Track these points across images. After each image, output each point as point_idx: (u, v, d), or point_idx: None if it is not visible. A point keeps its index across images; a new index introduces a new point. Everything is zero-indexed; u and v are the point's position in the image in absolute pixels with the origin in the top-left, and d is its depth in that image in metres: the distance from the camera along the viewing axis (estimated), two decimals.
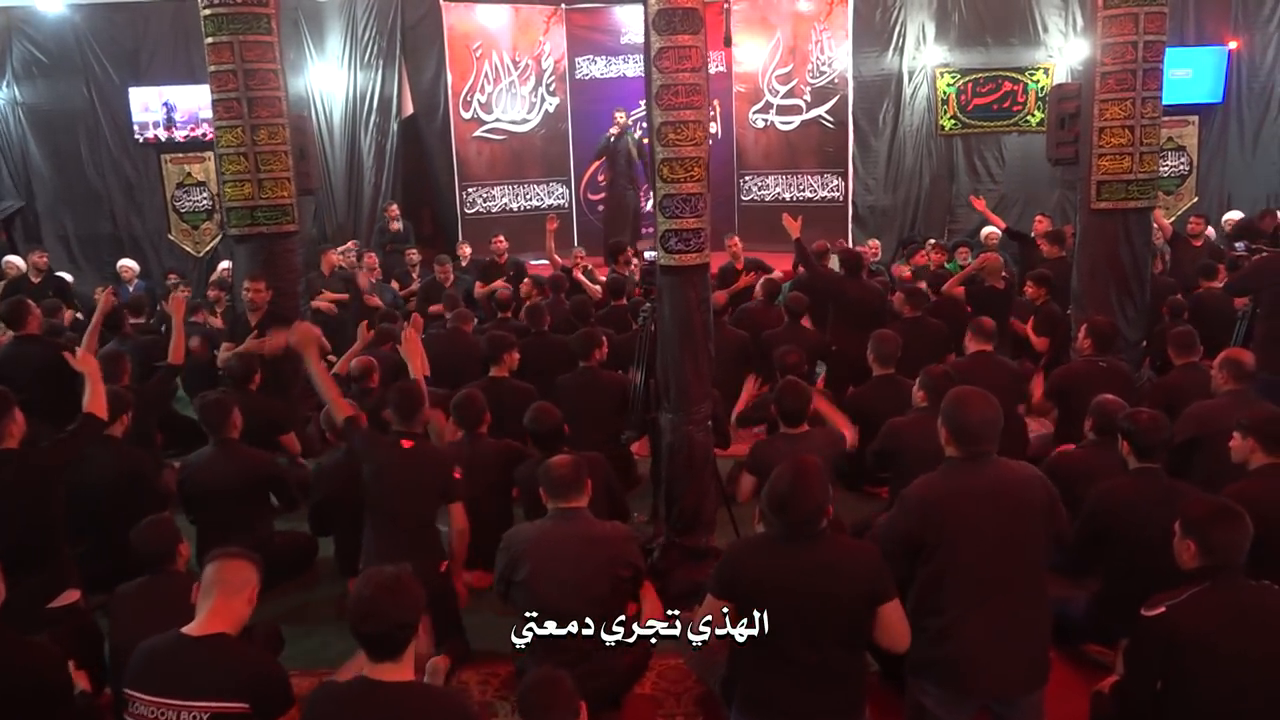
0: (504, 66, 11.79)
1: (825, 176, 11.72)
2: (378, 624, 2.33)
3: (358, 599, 2.36)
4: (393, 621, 2.33)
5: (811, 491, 2.82)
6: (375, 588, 2.35)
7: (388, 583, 2.36)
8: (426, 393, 4.39)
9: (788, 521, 2.83)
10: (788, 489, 2.81)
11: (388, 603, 2.33)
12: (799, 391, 4.38)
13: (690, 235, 4.19)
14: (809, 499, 2.81)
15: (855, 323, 6.78)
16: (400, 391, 4.08)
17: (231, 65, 6.44)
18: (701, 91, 4.10)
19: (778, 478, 2.87)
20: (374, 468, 3.96)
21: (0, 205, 12.13)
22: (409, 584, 2.39)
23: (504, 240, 9.81)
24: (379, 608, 2.32)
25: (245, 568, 2.74)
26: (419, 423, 4.05)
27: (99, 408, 3.88)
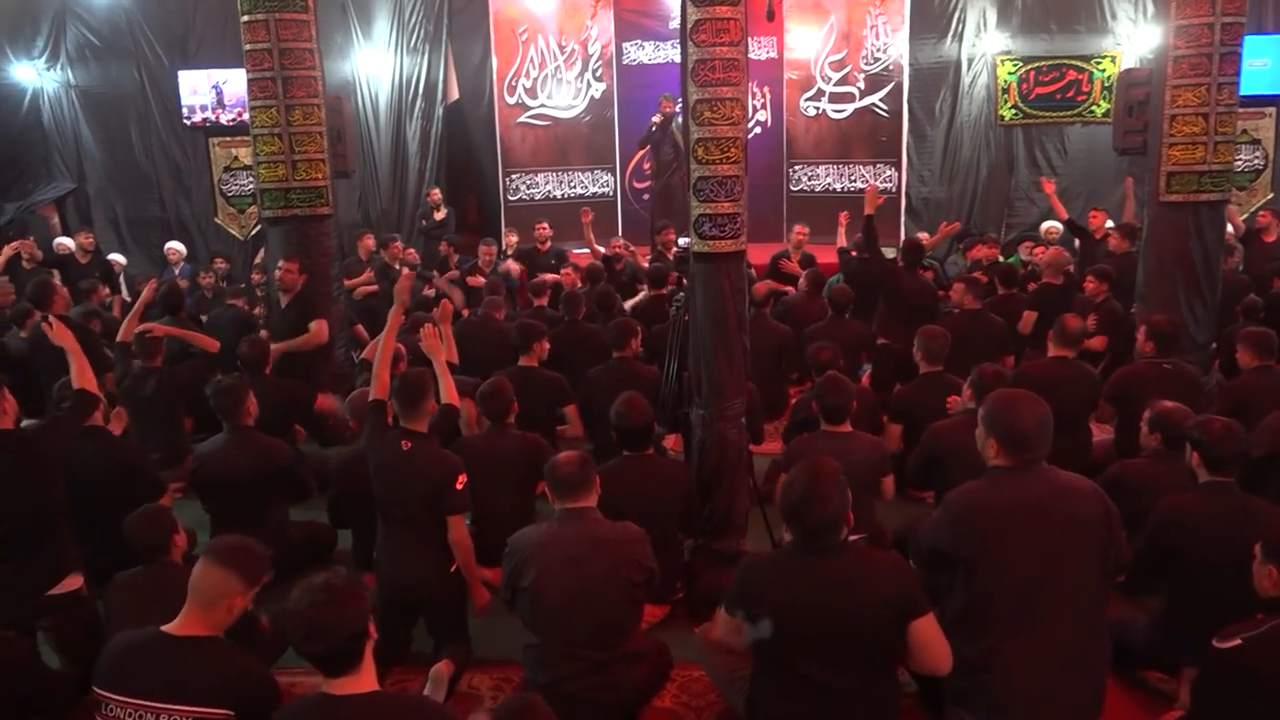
0: (550, 51, 11.59)
1: (878, 167, 11.36)
2: (323, 641, 2.14)
3: (295, 617, 2.16)
4: (340, 635, 2.14)
5: (829, 496, 2.59)
6: (310, 603, 2.15)
7: (322, 596, 2.15)
8: (450, 381, 4.22)
9: (804, 530, 2.61)
10: (802, 494, 2.59)
11: (328, 617, 2.13)
12: (842, 387, 4.12)
13: (725, 220, 3.94)
14: (826, 505, 2.58)
15: (905, 317, 6.49)
16: (404, 380, 3.87)
17: (267, 44, 6.31)
18: (740, 67, 3.85)
19: (792, 482, 2.65)
20: (375, 463, 3.80)
21: (52, 187, 12.28)
22: (346, 590, 2.19)
23: (547, 228, 9.65)
24: (320, 624, 2.13)
25: (225, 579, 2.52)
26: (422, 415, 3.83)
27: (88, 381, 3.76)
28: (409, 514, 3.72)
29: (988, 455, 2.81)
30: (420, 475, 3.69)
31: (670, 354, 4.48)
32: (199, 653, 2.42)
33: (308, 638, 2.14)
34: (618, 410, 3.98)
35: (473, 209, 12.33)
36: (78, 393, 3.69)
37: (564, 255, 9.17)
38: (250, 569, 2.58)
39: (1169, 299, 6.08)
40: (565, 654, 3.00)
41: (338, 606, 2.14)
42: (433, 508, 3.68)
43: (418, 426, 3.81)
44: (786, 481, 2.66)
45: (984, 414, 2.83)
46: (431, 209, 10.94)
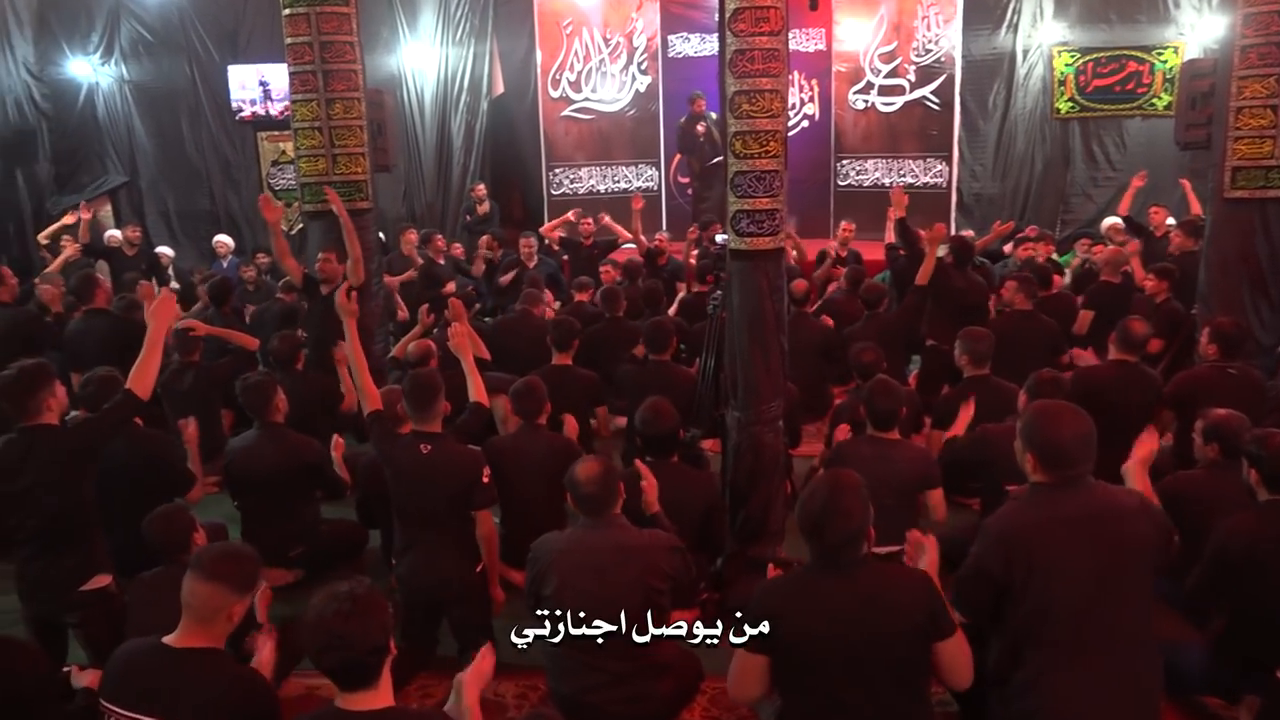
0: (594, 44, 11.51)
1: (928, 161, 11.10)
2: (342, 654, 2.05)
3: (314, 627, 2.07)
4: (360, 648, 2.06)
5: (850, 511, 2.45)
6: (333, 614, 2.06)
7: (345, 607, 2.06)
8: (478, 380, 4.14)
9: (823, 546, 2.47)
10: (822, 508, 2.45)
11: (350, 628, 2.04)
12: (892, 392, 3.96)
13: (763, 217, 3.81)
14: (847, 520, 2.44)
15: (954, 317, 6.28)
16: (414, 381, 3.78)
17: (308, 37, 6.30)
18: (780, 58, 3.71)
19: (811, 495, 2.51)
20: (392, 470, 3.72)
21: (106, 180, 12.48)
22: (370, 601, 2.10)
23: (591, 223, 9.55)
24: (341, 636, 2.04)
25: (215, 593, 2.42)
26: (436, 416, 3.74)
27: (141, 386, 3.60)
28: (433, 516, 3.65)
29: (1026, 470, 2.66)
30: (445, 475, 3.62)
31: (707, 354, 4.35)
32: (197, 665, 2.35)
33: (326, 648, 2.06)
34: (642, 416, 3.87)
35: (517, 203, 12.30)
36: (125, 393, 3.59)
37: (612, 245, 9.06)
38: (240, 577, 2.48)
39: (1233, 300, 5.81)
40: (587, 664, 2.89)
41: (360, 618, 2.06)
42: (458, 507, 3.61)
43: (432, 428, 3.73)
44: (804, 495, 2.53)
45: (1021, 426, 2.68)
46: (475, 203, 10.91)
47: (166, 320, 3.68)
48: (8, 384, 3.43)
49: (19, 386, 3.42)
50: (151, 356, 3.60)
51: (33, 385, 3.44)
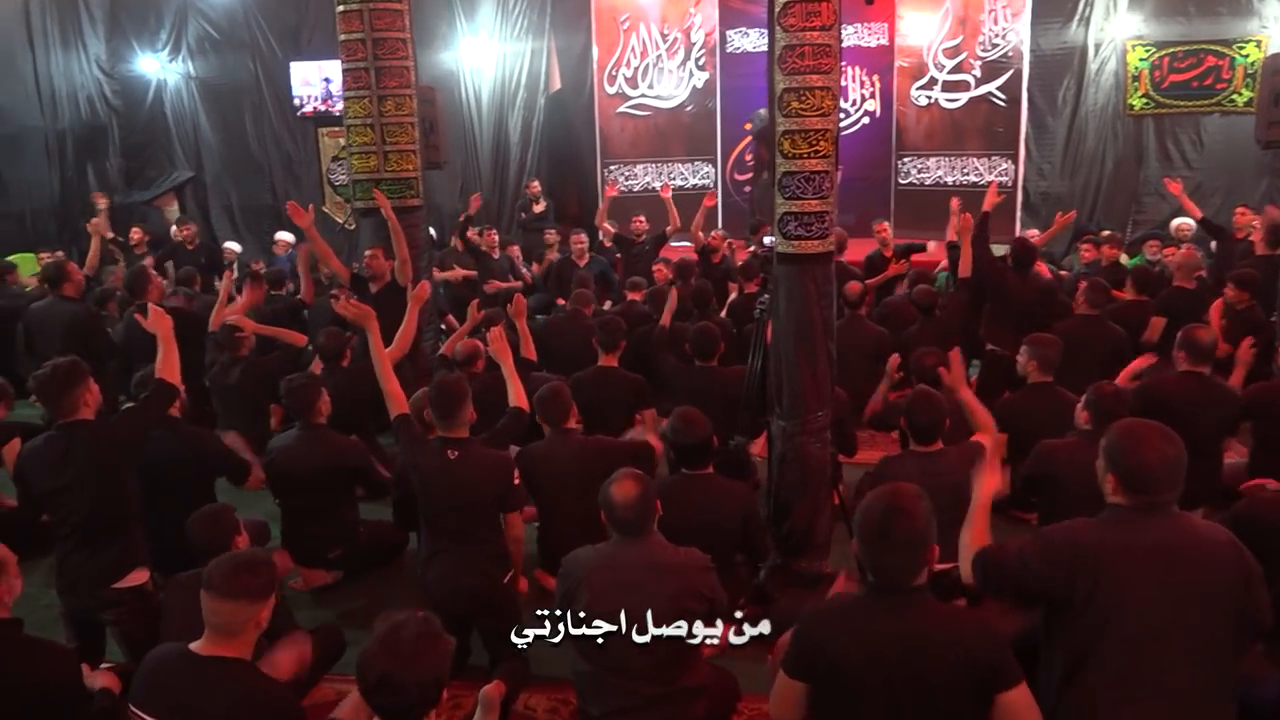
0: (651, 40, 11.39)
1: (993, 159, 10.77)
2: (392, 699, 1.98)
3: (369, 661, 2.00)
4: (410, 695, 1.98)
5: (911, 531, 2.29)
6: (390, 654, 1.99)
7: (405, 650, 1.99)
8: (518, 385, 4.07)
9: (879, 573, 2.31)
10: (879, 530, 2.29)
11: (404, 675, 1.97)
12: (932, 404, 3.78)
13: (812, 220, 3.66)
14: (906, 542, 2.28)
15: (1014, 321, 6.05)
16: (439, 388, 3.71)
17: (361, 33, 6.29)
18: (832, 54, 3.55)
19: (868, 511, 2.34)
20: (420, 476, 3.66)
21: (174, 175, 12.74)
22: (431, 647, 2.03)
23: (645, 221, 9.45)
24: (392, 681, 1.97)
25: (236, 609, 2.37)
26: (461, 424, 3.68)
27: (170, 373, 3.65)
28: (460, 524, 3.59)
29: (1106, 491, 2.48)
30: (474, 481, 3.57)
31: (752, 360, 4.22)
32: (221, 675, 2.31)
33: (376, 687, 1.99)
34: (673, 425, 3.76)
35: (573, 200, 12.25)
36: (157, 383, 3.63)
37: (662, 240, 8.95)
38: (257, 587, 2.42)
39: None
40: (620, 687, 2.79)
41: (417, 664, 1.99)
42: (488, 513, 3.56)
43: (458, 434, 3.67)
44: (861, 512, 2.36)
45: (1105, 444, 2.50)
46: (530, 201, 10.88)
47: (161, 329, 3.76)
48: (43, 382, 3.47)
49: (54, 384, 3.45)
50: (168, 353, 3.70)
51: (68, 383, 3.46)
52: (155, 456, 4.21)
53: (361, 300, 6.27)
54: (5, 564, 2.55)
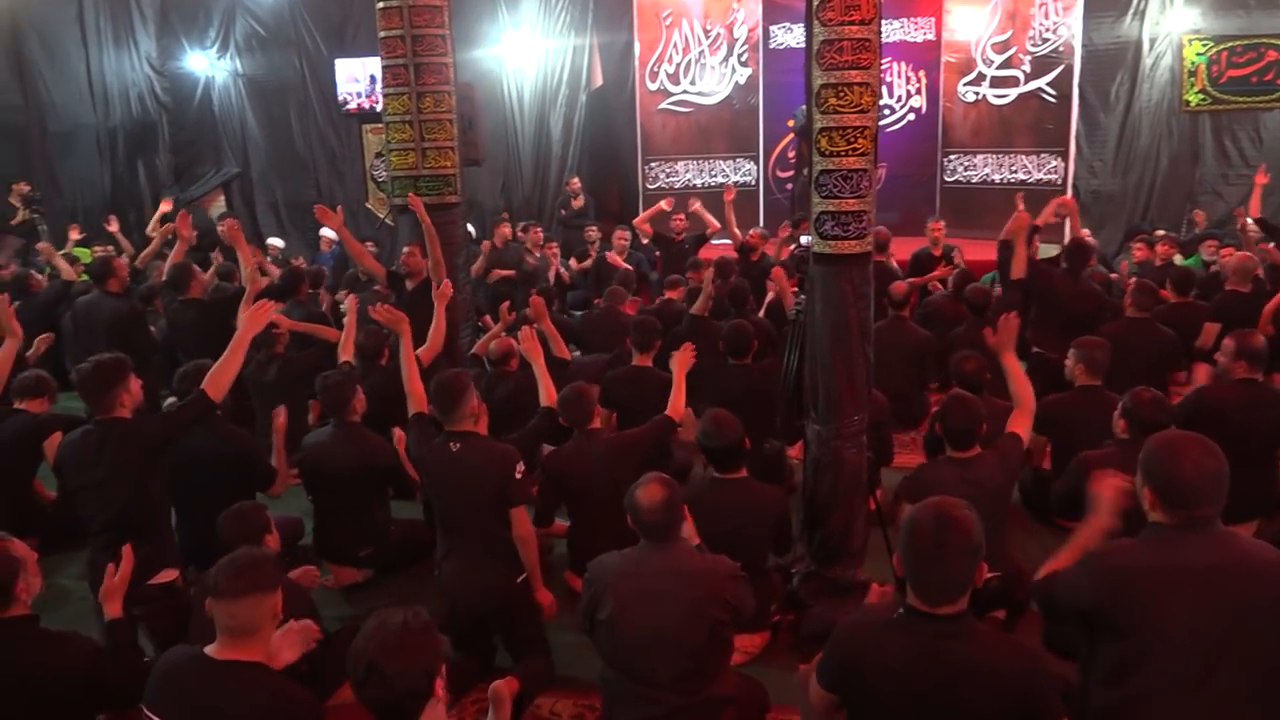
0: (694, 36, 11.31)
1: (1042, 156, 10.54)
2: (379, 692, 1.94)
3: (356, 655, 1.97)
4: (398, 689, 1.94)
5: (966, 542, 2.18)
6: (377, 646, 1.95)
7: (391, 641, 1.95)
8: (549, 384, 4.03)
9: (926, 585, 2.21)
10: (935, 538, 2.17)
11: (390, 667, 1.93)
12: (969, 409, 3.67)
13: (849, 219, 3.57)
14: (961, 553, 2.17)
15: (1062, 324, 5.88)
16: (439, 384, 3.65)
17: (400, 30, 6.28)
18: (872, 48, 3.46)
19: (918, 523, 2.22)
20: (426, 471, 3.64)
21: (221, 172, 12.90)
22: (420, 639, 1.98)
23: (684, 219, 9.36)
24: (380, 673, 1.93)
25: (258, 605, 2.36)
26: (464, 417, 3.61)
27: (216, 385, 3.63)
28: (470, 521, 3.55)
29: (1144, 507, 2.38)
30: (475, 473, 3.52)
31: (788, 362, 4.13)
32: (238, 679, 2.29)
33: (363, 682, 1.96)
34: (705, 428, 3.68)
35: (614, 197, 12.21)
36: (199, 394, 3.61)
37: (702, 239, 8.87)
38: (266, 578, 2.40)
39: None
40: (643, 696, 2.73)
41: (404, 656, 1.95)
42: (492, 508, 3.50)
43: (462, 427, 3.62)
44: (911, 525, 2.24)
45: (1142, 457, 2.39)
46: (570, 197, 10.86)
47: (258, 326, 3.73)
48: (85, 377, 3.50)
49: (93, 381, 3.48)
50: (233, 357, 3.67)
51: (109, 380, 3.49)
52: (193, 454, 4.23)
53: (398, 297, 6.32)
54: (24, 561, 2.55)
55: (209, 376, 3.68)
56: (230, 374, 3.70)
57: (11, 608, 2.53)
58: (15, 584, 2.53)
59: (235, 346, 3.68)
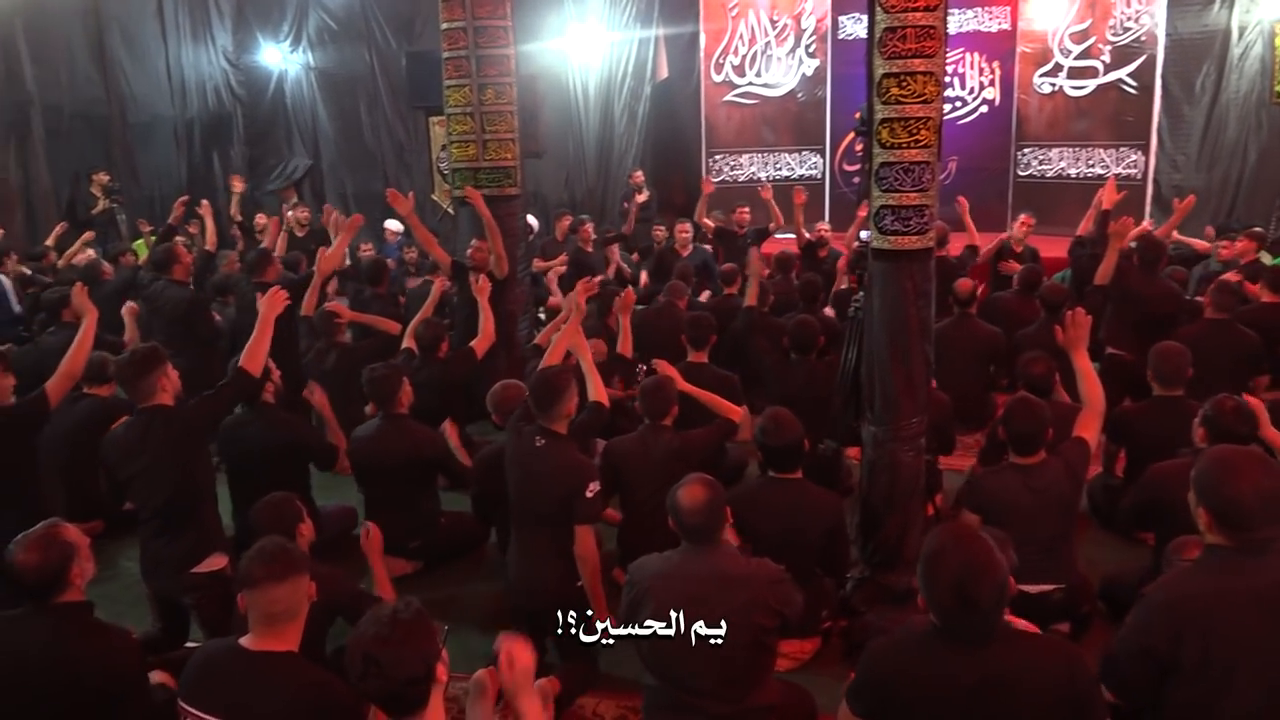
0: (760, 27, 11.15)
1: (1121, 150, 10.14)
2: (379, 683, 1.93)
3: (353, 649, 1.96)
4: (397, 679, 1.92)
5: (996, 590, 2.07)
6: (371, 637, 1.94)
7: (384, 631, 1.94)
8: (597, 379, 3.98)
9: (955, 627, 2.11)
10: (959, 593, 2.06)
11: (386, 656, 1.92)
12: (1034, 412, 3.51)
13: (910, 214, 3.44)
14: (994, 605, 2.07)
15: (1138, 325, 5.65)
16: (540, 378, 3.64)
17: (462, 22, 6.29)
18: (937, 36, 3.32)
19: (939, 570, 2.10)
20: (509, 459, 3.62)
21: (295, 165, 13.13)
22: (413, 627, 1.97)
23: (748, 213, 9.25)
24: (376, 662, 1.92)
25: (296, 588, 2.36)
26: (558, 416, 3.59)
27: (253, 360, 3.69)
28: (538, 516, 3.53)
29: (1200, 528, 2.24)
30: (550, 475, 3.49)
31: (845, 361, 4.02)
32: (271, 670, 2.29)
33: (363, 675, 1.95)
34: (763, 427, 3.58)
35: (678, 190, 12.12)
36: (236, 371, 3.69)
37: (764, 233, 8.74)
38: (295, 563, 2.40)
39: None
40: (685, 703, 2.66)
41: (398, 645, 1.94)
42: (560, 513, 3.46)
43: (555, 427, 3.60)
44: (931, 570, 2.13)
45: (1195, 475, 2.27)
46: (634, 190, 10.80)
47: (276, 308, 3.80)
48: (122, 367, 3.57)
49: (132, 370, 3.54)
50: (261, 336, 3.74)
51: (145, 368, 3.53)
52: (246, 442, 4.31)
53: (461, 289, 6.35)
54: (79, 547, 2.58)
55: (243, 355, 3.78)
56: (262, 350, 3.78)
57: (66, 592, 2.56)
58: (70, 569, 2.56)
59: (262, 324, 3.78)
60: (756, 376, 5.32)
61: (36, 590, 2.52)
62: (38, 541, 2.52)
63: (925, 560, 2.15)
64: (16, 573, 2.50)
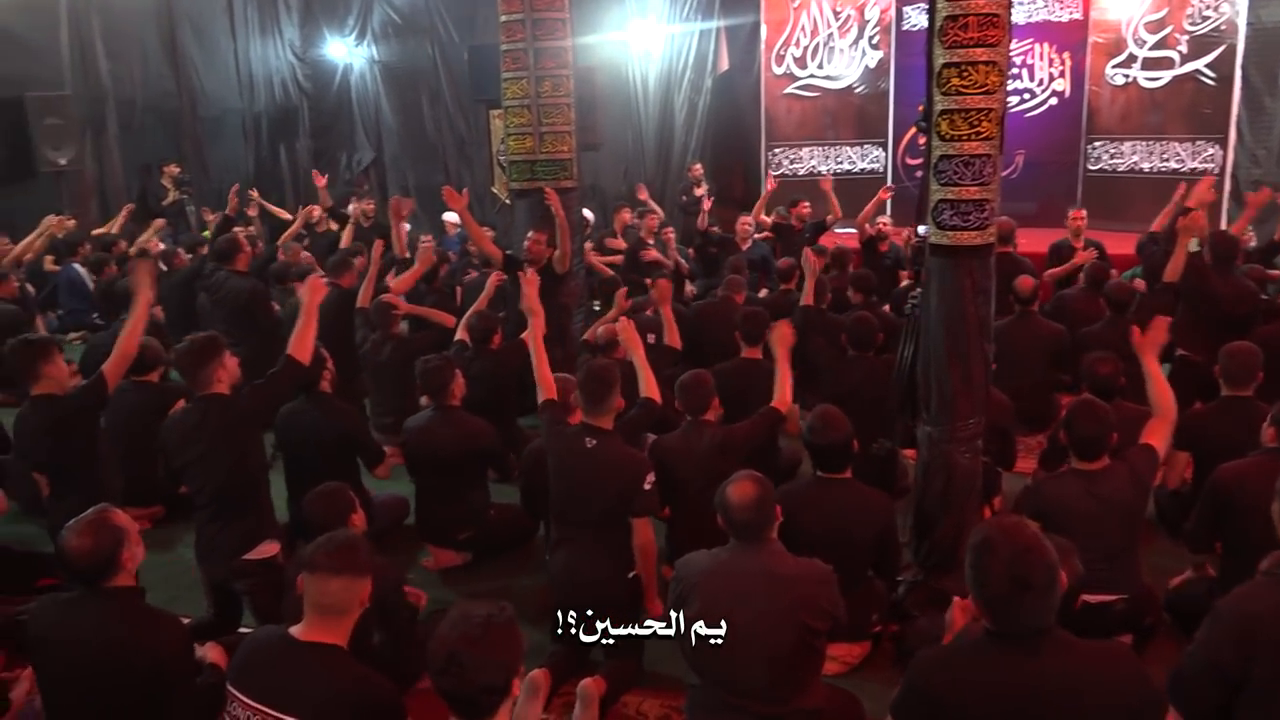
0: (823, 18, 10.98)
1: (1198, 144, 9.78)
2: (456, 682, 1.90)
3: (437, 643, 1.93)
4: (475, 684, 1.89)
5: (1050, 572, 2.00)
6: (459, 636, 1.91)
7: (474, 633, 1.90)
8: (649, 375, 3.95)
9: (1010, 618, 2.03)
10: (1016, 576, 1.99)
11: (470, 657, 1.89)
12: (1098, 416, 3.37)
13: (970, 208, 3.34)
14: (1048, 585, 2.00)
15: (1213, 325, 5.43)
16: (589, 372, 3.62)
17: (520, 14, 6.28)
18: (1001, 24, 3.22)
19: (991, 557, 2.03)
20: (555, 461, 3.59)
21: (359, 158, 13.33)
22: (503, 634, 1.93)
23: (808, 206, 9.12)
24: (457, 661, 1.88)
25: (351, 586, 2.34)
26: (608, 411, 3.57)
27: (300, 350, 3.71)
28: (589, 517, 3.50)
29: None
30: (605, 475, 3.46)
31: (901, 359, 3.92)
32: (319, 662, 2.28)
33: (442, 671, 1.92)
34: (812, 425, 3.50)
35: (738, 183, 12.03)
36: (285, 360, 3.72)
37: (822, 227, 8.62)
38: (360, 563, 2.38)
39: None
40: (729, 704, 2.61)
41: (483, 649, 1.90)
42: (616, 510, 3.44)
43: (602, 423, 3.57)
44: (982, 559, 2.05)
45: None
46: (692, 184, 10.73)
47: (318, 298, 3.81)
48: (181, 355, 3.62)
49: (189, 359, 3.60)
50: (307, 325, 3.75)
51: (202, 357, 3.59)
52: (301, 430, 4.36)
53: (515, 282, 6.35)
54: (128, 531, 2.62)
55: (290, 343, 3.78)
56: (308, 338, 3.78)
57: (117, 577, 2.60)
58: (120, 554, 2.59)
59: (306, 313, 3.78)
60: (813, 374, 5.24)
61: (88, 575, 2.56)
62: (88, 527, 2.56)
63: (974, 551, 2.07)
64: (68, 558, 2.54)
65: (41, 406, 3.82)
